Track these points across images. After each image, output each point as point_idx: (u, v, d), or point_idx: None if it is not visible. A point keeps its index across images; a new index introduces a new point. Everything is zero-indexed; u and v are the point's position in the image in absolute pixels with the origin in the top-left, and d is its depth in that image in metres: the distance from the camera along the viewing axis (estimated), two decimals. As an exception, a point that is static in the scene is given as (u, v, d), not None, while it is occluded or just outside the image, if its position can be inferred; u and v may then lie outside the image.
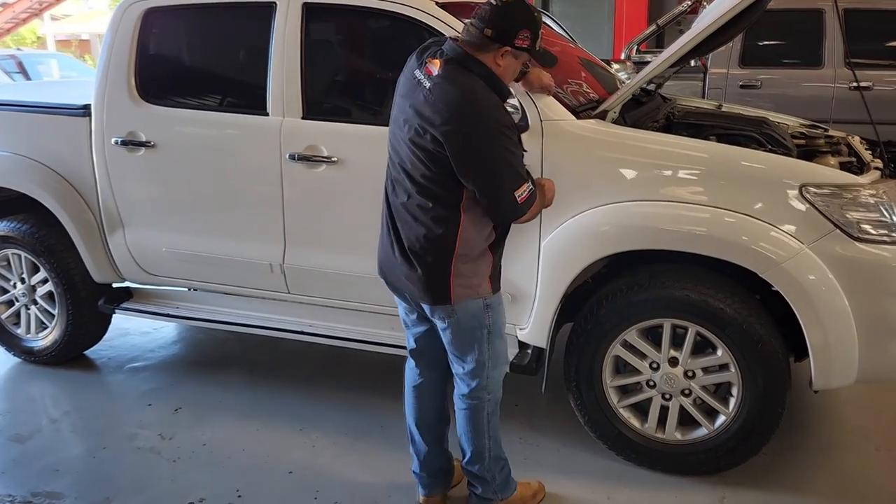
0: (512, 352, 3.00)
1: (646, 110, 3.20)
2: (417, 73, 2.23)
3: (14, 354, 3.95)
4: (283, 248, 3.26)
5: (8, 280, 3.90)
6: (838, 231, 2.53)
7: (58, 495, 2.83)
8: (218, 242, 3.36)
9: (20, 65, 7.92)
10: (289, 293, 3.37)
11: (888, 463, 2.99)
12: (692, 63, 6.19)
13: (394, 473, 2.88)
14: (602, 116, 2.81)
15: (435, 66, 2.18)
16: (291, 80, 3.11)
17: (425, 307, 2.37)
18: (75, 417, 3.43)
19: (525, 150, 2.31)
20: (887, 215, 2.56)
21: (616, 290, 2.79)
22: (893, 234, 2.56)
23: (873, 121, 2.86)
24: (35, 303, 3.86)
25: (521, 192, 2.20)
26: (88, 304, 3.74)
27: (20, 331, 3.93)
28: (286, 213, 3.20)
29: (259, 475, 2.93)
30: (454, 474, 2.77)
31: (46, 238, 3.68)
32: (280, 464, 3.00)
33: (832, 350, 2.57)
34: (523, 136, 2.57)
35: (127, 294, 3.78)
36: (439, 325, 2.40)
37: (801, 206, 2.55)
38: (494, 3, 2.19)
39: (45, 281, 3.79)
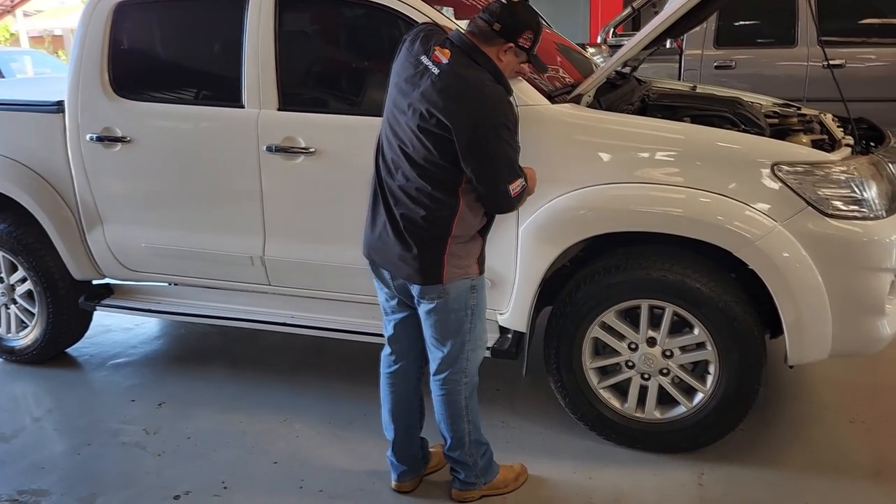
0: (493, 337, 3.03)
1: (621, 93, 3.23)
2: (424, 59, 2.28)
3: (-6, 354, 3.94)
4: (263, 241, 3.26)
5: (-14, 279, 3.88)
6: (810, 208, 2.57)
7: (43, 493, 2.83)
8: (197, 236, 3.36)
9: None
10: (270, 285, 3.37)
11: (861, 434, 3.05)
12: (667, 45, 6.23)
13: (377, 461, 2.90)
14: (577, 101, 2.83)
15: (444, 56, 2.25)
16: (266, 71, 3.10)
17: (414, 289, 2.40)
18: (59, 415, 3.42)
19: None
20: (858, 191, 2.60)
21: (593, 272, 2.82)
22: (864, 210, 2.60)
23: (844, 98, 2.89)
24: (14, 302, 3.84)
25: (515, 187, 2.30)
26: (68, 301, 3.72)
27: (0, 330, 3.91)
28: (265, 206, 3.20)
29: (244, 467, 2.95)
30: (430, 461, 2.81)
31: (24, 237, 3.65)
32: (265, 455, 3.02)
33: (806, 326, 2.62)
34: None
35: (107, 291, 3.77)
36: (425, 307, 2.42)
37: (774, 185, 2.58)
38: (504, 0, 2.31)
39: (23, 280, 3.77)
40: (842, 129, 3.25)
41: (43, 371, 3.83)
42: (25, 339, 3.84)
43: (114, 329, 4.30)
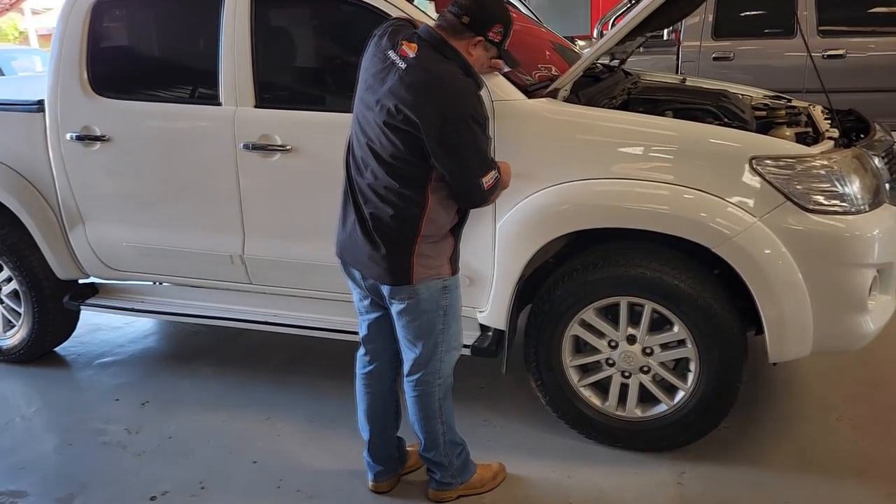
0: (473, 335, 3.00)
1: (602, 87, 3.18)
2: (391, 54, 2.23)
3: (-18, 354, 3.94)
4: (243, 239, 3.24)
5: (-27, 280, 3.88)
6: (790, 203, 2.52)
7: (21, 493, 2.83)
8: (177, 235, 3.34)
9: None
10: (251, 283, 3.35)
11: (848, 432, 3.00)
12: (664, 37, 6.17)
13: (356, 460, 2.87)
14: (554, 95, 2.78)
15: (411, 50, 2.21)
16: (242, 68, 3.07)
17: (385, 289, 2.37)
18: (43, 415, 3.42)
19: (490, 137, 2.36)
20: (839, 185, 2.54)
21: (571, 269, 2.78)
22: (845, 204, 2.54)
23: (826, 89, 2.85)
24: (1, 301, 3.84)
25: (488, 180, 2.26)
26: (53, 301, 3.72)
27: (-11, 330, 3.92)
28: (243, 204, 3.18)
29: (223, 466, 2.94)
30: (407, 461, 2.79)
31: (7, 236, 3.65)
32: (245, 454, 3.00)
33: (786, 322, 2.57)
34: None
35: (92, 290, 3.76)
36: (397, 307, 2.39)
37: (752, 179, 2.53)
38: None
39: (9, 279, 3.77)
40: (829, 122, 3.20)
41: (30, 370, 3.83)
42: (12, 338, 3.84)
43: (103, 328, 4.30)
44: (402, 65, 2.20)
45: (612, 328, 2.80)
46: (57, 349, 4.00)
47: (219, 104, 3.12)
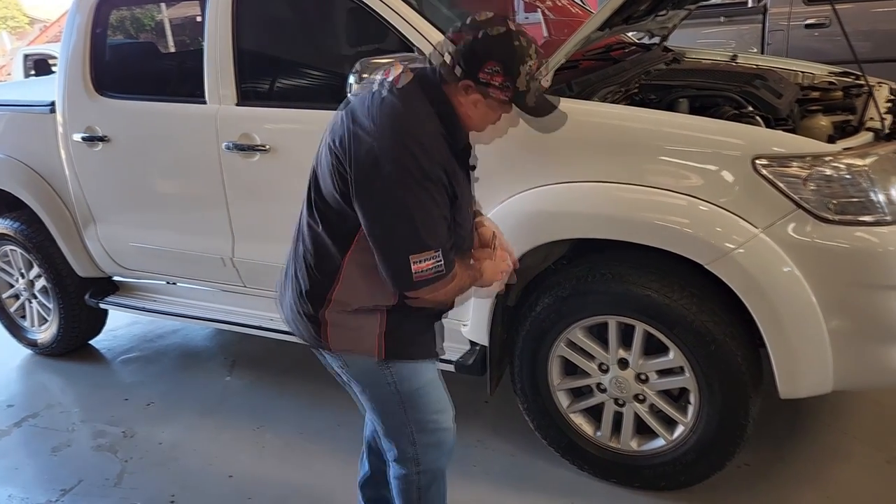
0: (460, 349, 2.74)
1: (606, 73, 2.79)
2: (378, 75, 1.80)
3: (24, 346, 4.07)
4: (232, 242, 3.12)
5: (11, 275, 4.01)
6: (801, 211, 2.09)
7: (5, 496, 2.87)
8: (174, 236, 3.28)
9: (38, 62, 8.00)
10: (245, 287, 3.24)
11: (898, 479, 2.52)
12: (749, 3, 5.54)
13: (332, 478, 2.73)
14: (535, 86, 2.45)
15: (404, 78, 1.72)
16: (225, 65, 2.94)
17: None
18: (56, 412, 3.47)
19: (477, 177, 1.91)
20: (868, 189, 2.08)
21: (555, 283, 2.47)
22: (877, 213, 2.08)
23: (858, 59, 2.37)
24: (35, 297, 3.95)
25: (421, 262, 1.65)
26: (77, 298, 3.78)
27: (27, 323, 4.05)
28: (230, 206, 3.06)
29: (199, 479, 2.85)
30: None
31: (35, 235, 3.73)
32: (224, 466, 2.91)
33: (796, 353, 2.15)
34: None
35: (114, 287, 3.79)
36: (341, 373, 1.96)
37: (755, 183, 2.12)
38: (469, 22, 1.68)
39: (39, 276, 3.86)
40: (890, 106, 2.68)
41: (59, 364, 3.93)
42: (45, 333, 3.95)
43: (140, 321, 4.34)
44: (384, 90, 1.71)
45: (602, 350, 2.46)
46: (92, 342, 4.08)
47: (204, 102, 3.01)
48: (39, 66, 7.78)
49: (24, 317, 4.05)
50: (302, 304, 1.85)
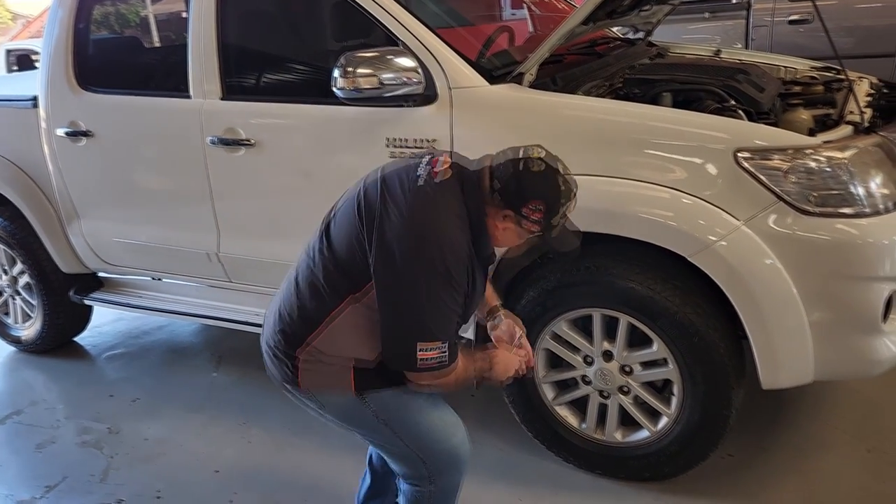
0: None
1: (590, 68, 2.80)
2: (424, 159, 1.81)
3: (7, 343, 4.04)
4: (218, 237, 3.12)
5: (-6, 271, 3.99)
6: (782, 203, 2.11)
7: (-10, 493, 2.86)
8: (159, 231, 3.27)
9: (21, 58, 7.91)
10: (230, 282, 3.24)
11: (880, 468, 2.54)
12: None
13: (317, 474, 2.74)
14: (520, 80, 2.47)
15: (443, 173, 1.75)
16: (209, 59, 2.93)
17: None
18: (40, 409, 3.45)
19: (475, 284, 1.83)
20: (848, 182, 2.11)
21: (540, 276, 2.48)
22: (856, 205, 2.11)
23: (838, 55, 2.40)
24: (19, 294, 3.93)
25: (427, 350, 1.69)
26: (61, 294, 3.75)
27: (10, 320, 4.02)
28: (215, 201, 3.06)
29: (185, 475, 2.85)
30: None
31: (18, 231, 3.70)
32: (210, 462, 2.91)
33: (777, 344, 2.18)
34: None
35: (98, 283, 3.77)
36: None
37: (737, 175, 2.14)
38: (522, 156, 1.74)
39: (23, 272, 3.83)
40: (869, 100, 2.71)
41: (43, 360, 3.91)
42: (29, 330, 3.92)
43: (125, 318, 4.32)
44: (421, 178, 1.74)
45: (587, 342, 2.48)
46: (76, 338, 4.06)
47: (188, 97, 3.00)
48: (22, 61, 7.73)
49: (7, 313, 4.02)
50: (279, 341, 1.85)
